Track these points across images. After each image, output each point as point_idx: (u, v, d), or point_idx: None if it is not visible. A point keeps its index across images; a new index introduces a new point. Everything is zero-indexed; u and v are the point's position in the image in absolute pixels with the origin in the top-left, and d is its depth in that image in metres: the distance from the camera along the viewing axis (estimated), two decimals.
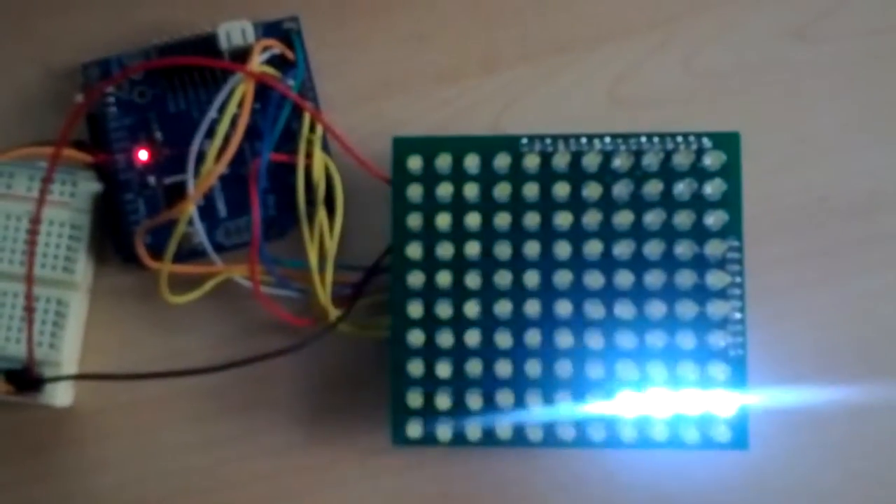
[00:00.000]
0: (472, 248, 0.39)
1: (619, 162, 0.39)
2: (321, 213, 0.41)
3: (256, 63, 0.40)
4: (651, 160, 0.39)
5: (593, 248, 0.39)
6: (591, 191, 0.39)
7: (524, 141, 0.39)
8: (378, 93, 0.44)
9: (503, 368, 0.39)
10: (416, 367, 0.39)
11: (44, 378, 0.40)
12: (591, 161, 0.39)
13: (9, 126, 0.43)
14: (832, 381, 0.42)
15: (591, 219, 0.39)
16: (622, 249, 0.39)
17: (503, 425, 0.39)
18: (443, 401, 0.39)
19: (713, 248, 0.39)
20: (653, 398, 0.39)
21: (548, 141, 0.39)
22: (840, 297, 0.43)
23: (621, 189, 0.39)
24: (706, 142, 0.39)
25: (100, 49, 0.43)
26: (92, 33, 0.44)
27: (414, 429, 0.39)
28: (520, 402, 0.39)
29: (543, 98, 0.44)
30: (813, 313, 0.43)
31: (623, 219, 0.39)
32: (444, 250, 0.39)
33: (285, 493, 0.43)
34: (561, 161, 0.39)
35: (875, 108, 0.44)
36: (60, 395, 0.41)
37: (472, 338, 0.39)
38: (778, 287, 0.43)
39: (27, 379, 0.40)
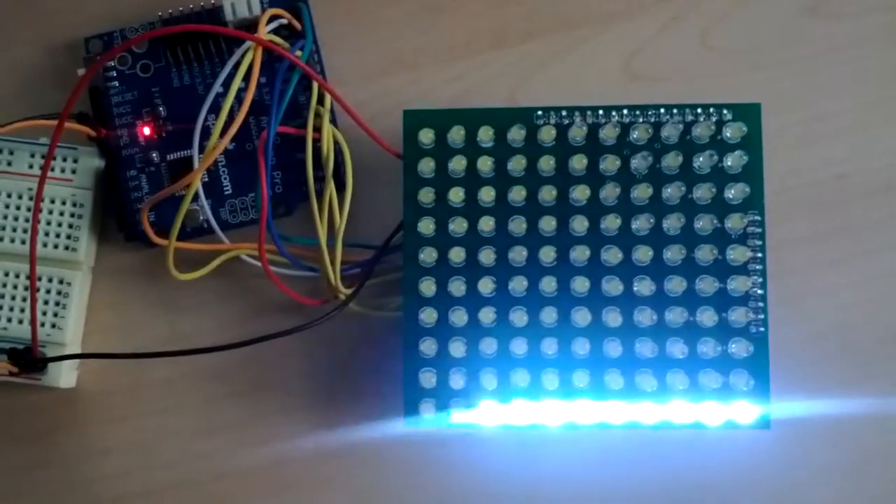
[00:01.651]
0: (487, 224, 0.38)
1: (638, 134, 0.38)
2: (330, 188, 0.40)
3: (264, 31, 0.39)
4: (670, 132, 0.38)
5: (611, 222, 0.38)
6: (609, 164, 0.38)
7: (539, 113, 0.38)
8: (389, 68, 0.43)
9: (518, 347, 0.38)
10: (429, 347, 0.38)
11: (47, 357, 0.39)
12: (608, 133, 0.38)
13: (10, 102, 0.42)
14: (854, 362, 0.42)
15: (609, 192, 0.38)
16: (641, 224, 0.38)
17: (519, 406, 0.38)
18: (457, 381, 0.38)
19: (734, 222, 0.38)
20: (673, 376, 0.38)
21: (563, 113, 0.38)
22: (860, 277, 0.42)
23: (640, 162, 0.38)
24: (727, 113, 0.38)
25: (103, 24, 0.42)
26: (95, 8, 0.43)
27: (427, 409, 0.38)
28: (536, 382, 0.38)
29: (558, 73, 0.43)
30: (833, 293, 0.42)
31: (641, 192, 0.38)
32: (458, 226, 0.38)
33: (295, 479, 0.42)
34: (577, 133, 0.38)
35: (893, 85, 0.43)
36: (64, 376, 0.40)
37: (487, 315, 0.38)
38: (797, 266, 0.42)
39: (30, 359, 0.39)
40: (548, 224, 0.38)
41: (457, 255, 0.38)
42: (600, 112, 0.38)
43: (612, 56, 0.43)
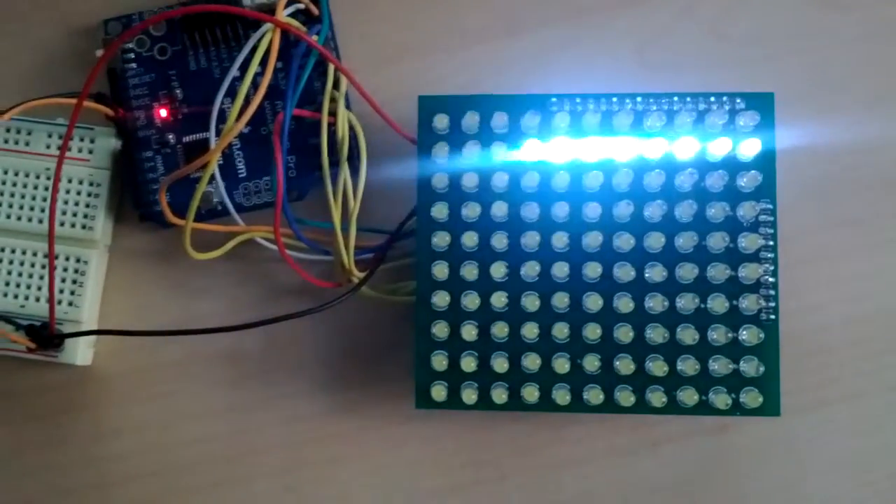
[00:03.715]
0: (500, 209, 0.38)
1: (651, 122, 0.38)
2: (345, 172, 0.40)
3: (282, 14, 0.40)
4: (683, 120, 0.38)
5: (624, 209, 0.38)
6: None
7: (554, 100, 0.39)
8: (403, 54, 0.43)
9: (530, 331, 0.38)
10: (441, 330, 0.38)
11: (63, 333, 0.40)
12: (621, 121, 0.38)
13: (30, 84, 0.43)
14: (862, 353, 0.42)
15: (621, 179, 0.38)
16: (653, 211, 0.38)
17: (530, 389, 0.38)
18: (468, 363, 0.38)
19: (746, 210, 0.38)
20: (683, 363, 0.38)
21: (577, 100, 0.39)
22: (870, 268, 0.42)
23: (652, 149, 0.38)
24: (740, 102, 0.38)
25: (123, 7, 0.43)
26: None
27: (439, 392, 0.38)
28: (547, 366, 0.38)
29: (570, 61, 0.43)
30: (842, 284, 0.42)
31: (654, 179, 0.38)
32: (471, 211, 0.38)
33: (307, 460, 0.42)
34: (591, 121, 0.38)
35: None
36: (80, 353, 0.41)
37: (499, 300, 0.38)
38: (807, 257, 0.42)
39: (47, 335, 0.40)
40: (561, 210, 0.38)
41: (470, 239, 0.38)
42: (614, 100, 0.39)
43: (625, 44, 0.43)
